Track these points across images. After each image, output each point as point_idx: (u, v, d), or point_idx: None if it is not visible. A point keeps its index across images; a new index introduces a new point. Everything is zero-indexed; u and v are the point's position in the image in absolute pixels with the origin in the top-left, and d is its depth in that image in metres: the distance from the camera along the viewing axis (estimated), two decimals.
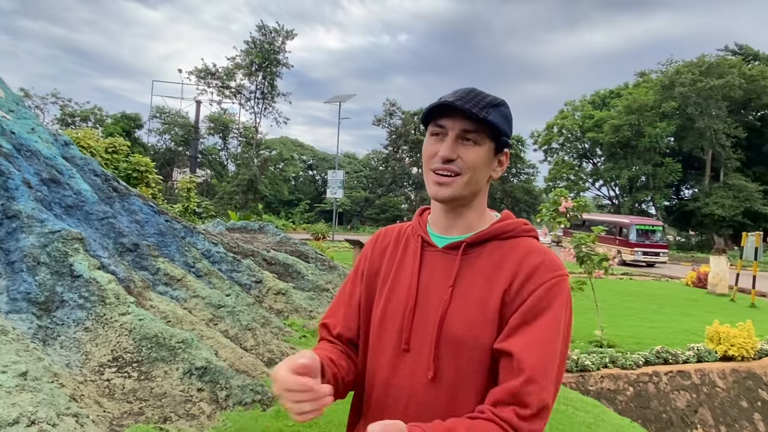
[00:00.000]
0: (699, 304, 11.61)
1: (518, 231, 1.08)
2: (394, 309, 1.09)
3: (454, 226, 1.10)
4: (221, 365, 4.13)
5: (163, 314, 4.71)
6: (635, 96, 36.21)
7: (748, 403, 6.33)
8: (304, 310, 6.77)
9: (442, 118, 1.04)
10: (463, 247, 1.06)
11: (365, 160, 59.10)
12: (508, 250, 1.05)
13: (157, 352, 4.06)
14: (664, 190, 38.08)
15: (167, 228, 6.26)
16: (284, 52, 35.22)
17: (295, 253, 9.24)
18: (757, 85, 33.90)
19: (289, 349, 5.34)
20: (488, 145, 1.05)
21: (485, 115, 1.01)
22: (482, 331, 0.99)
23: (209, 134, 44.22)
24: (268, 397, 4.01)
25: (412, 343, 1.05)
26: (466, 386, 1.00)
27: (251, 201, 35.73)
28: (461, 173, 1.03)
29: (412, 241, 1.15)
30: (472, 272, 1.04)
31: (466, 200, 1.07)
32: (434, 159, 1.05)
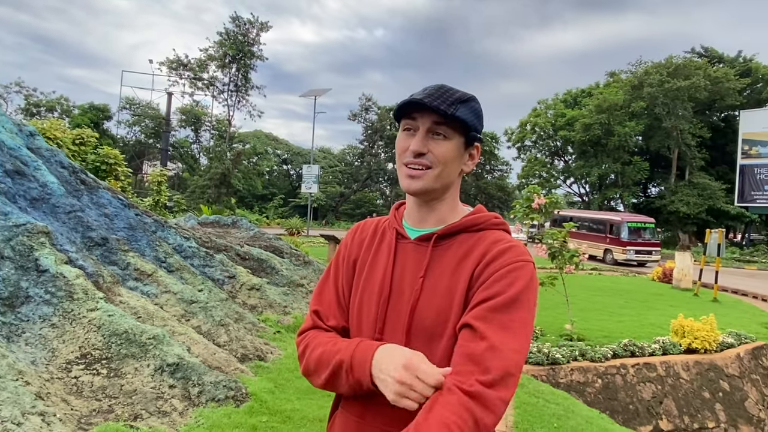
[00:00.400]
0: (664, 299, 11.96)
1: (488, 224, 1.11)
2: (369, 299, 1.12)
3: (427, 219, 1.13)
4: (194, 361, 4.06)
5: (133, 310, 4.61)
6: (605, 95, 36.93)
7: (710, 394, 6.57)
8: (278, 305, 6.72)
9: (413, 113, 1.07)
10: (434, 239, 1.10)
11: (340, 155, 58.85)
12: (477, 241, 1.08)
13: (128, 349, 3.98)
14: (632, 188, 39.02)
15: (137, 222, 6.12)
16: (259, 44, 34.74)
17: (270, 248, 9.15)
18: (721, 87, 34.97)
19: (263, 344, 5.30)
20: (458, 139, 1.08)
21: (453, 111, 1.04)
22: (450, 319, 1.02)
23: (181, 127, 43.32)
24: (242, 393, 3.98)
25: (386, 332, 1.08)
26: None
27: (224, 195, 35.20)
28: (432, 167, 1.06)
29: (387, 233, 1.19)
30: (442, 263, 1.08)
31: (438, 193, 1.10)
32: (406, 153, 1.08)
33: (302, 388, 4.35)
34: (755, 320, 9.70)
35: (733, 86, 35.43)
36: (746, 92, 38.09)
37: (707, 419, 6.38)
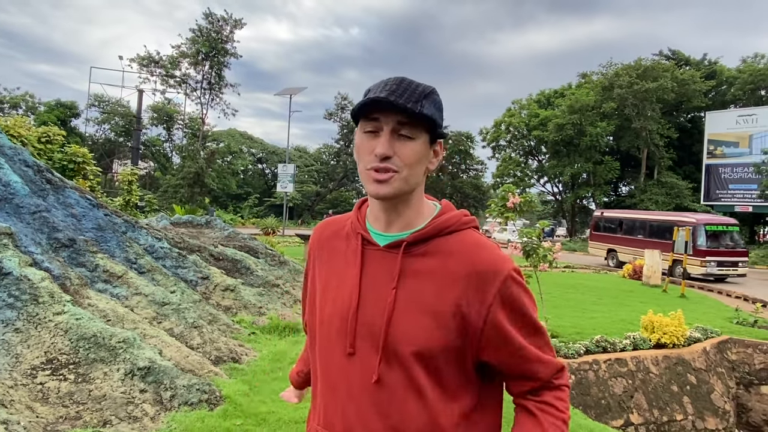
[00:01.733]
0: (634, 295, 12.25)
1: (459, 225, 1.06)
2: (338, 310, 1.06)
3: (394, 223, 1.06)
4: (166, 365, 3.98)
5: (102, 313, 4.49)
6: (578, 96, 37.63)
7: (678, 387, 6.75)
8: (253, 306, 6.63)
9: (375, 111, 0.99)
10: (404, 246, 1.03)
11: (316, 154, 58.53)
12: (453, 248, 1.03)
13: (96, 353, 3.87)
14: (603, 187, 39.86)
15: (107, 222, 5.96)
16: (232, 41, 34.28)
17: (244, 248, 9.03)
18: (687, 88, 36.01)
19: (238, 346, 5.22)
20: (423, 137, 1.01)
21: (420, 108, 0.97)
22: (430, 336, 0.98)
23: (152, 125, 42.47)
24: (216, 397, 3.91)
25: (357, 346, 1.02)
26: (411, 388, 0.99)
27: (197, 195, 34.64)
28: (399, 171, 0.99)
29: (352, 238, 1.11)
30: (417, 273, 1.01)
31: (405, 195, 1.03)
32: (370, 157, 1.00)
33: (278, 390, 4.30)
34: (720, 315, 10.01)
35: (699, 88, 36.52)
36: (711, 94, 39.30)
37: (675, 412, 6.55)
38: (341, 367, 1.04)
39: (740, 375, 7.79)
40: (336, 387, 1.04)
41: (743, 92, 37.92)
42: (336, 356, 1.05)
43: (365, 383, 1.00)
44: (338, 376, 1.04)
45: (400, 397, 0.99)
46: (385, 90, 0.98)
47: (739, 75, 38.30)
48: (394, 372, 0.99)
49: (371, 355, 1.00)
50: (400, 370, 0.99)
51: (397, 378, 0.99)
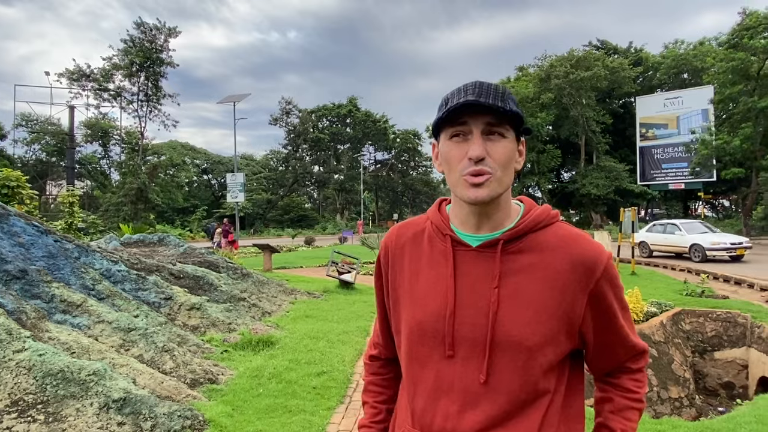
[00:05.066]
0: None
1: (549, 219, 1.07)
2: (431, 313, 1.04)
3: (485, 224, 1.05)
4: (142, 394, 3.79)
5: (65, 345, 4.23)
6: (517, 89, 38.84)
7: None
8: (222, 323, 6.44)
9: (463, 116, 0.99)
10: (501, 245, 1.03)
11: (263, 160, 57.54)
12: (548, 242, 1.04)
13: (65, 389, 3.64)
14: (547, 175, 41.37)
15: (58, 249, 5.62)
16: (168, 50, 33.12)
17: (204, 263, 8.76)
18: (618, 76, 37.94)
19: (212, 366, 5.05)
20: (512, 135, 1.01)
21: (509, 106, 0.98)
22: (541, 332, 0.98)
23: (87, 142, 40.46)
24: (199, 422, 3.76)
25: (457, 348, 1.01)
26: (522, 385, 0.99)
27: (142, 211, 33.32)
28: (493, 172, 0.98)
29: (437, 240, 1.09)
30: (516, 271, 1.02)
31: (499, 197, 1.02)
32: (463, 162, 0.99)
33: (261, 408, 4.20)
34: (670, 288, 10.59)
35: (628, 75, 38.55)
36: (639, 80, 41.61)
37: None
38: (439, 370, 1.03)
39: (695, 343, 8.27)
40: (435, 390, 1.03)
41: (668, 76, 40.35)
42: (433, 360, 1.03)
43: (470, 385, 0.99)
44: (436, 379, 1.03)
45: (508, 392, 0.99)
46: (470, 93, 0.98)
47: (663, 60, 40.71)
48: (503, 371, 0.99)
49: (475, 356, 1.00)
50: (508, 369, 0.99)
51: (506, 377, 0.99)
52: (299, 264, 17.14)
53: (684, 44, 41.68)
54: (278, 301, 8.62)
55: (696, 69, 37.48)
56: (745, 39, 25.43)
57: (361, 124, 53.26)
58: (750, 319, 8.11)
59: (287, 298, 9.10)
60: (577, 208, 44.56)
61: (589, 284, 1.01)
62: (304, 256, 20.71)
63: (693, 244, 16.62)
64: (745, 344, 8.05)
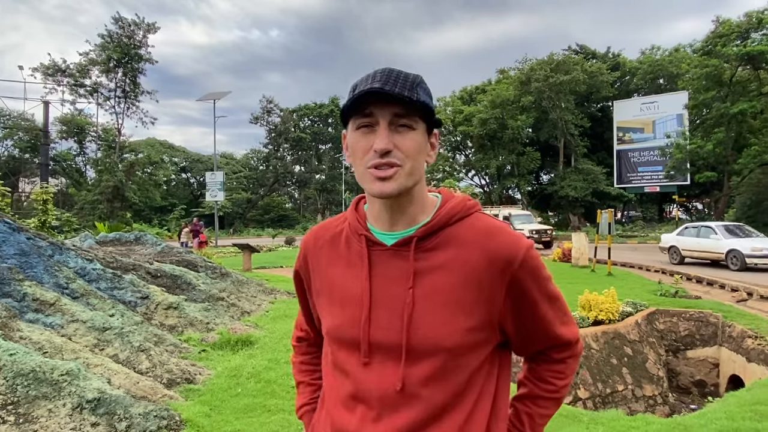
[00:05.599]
0: (566, 276, 12.94)
1: (465, 211, 1.02)
2: (348, 318, 1.00)
3: (399, 221, 1.00)
4: (117, 394, 3.72)
5: (37, 345, 4.13)
6: (498, 92, 39.23)
7: (617, 360, 7.21)
8: (200, 322, 6.35)
9: (368, 106, 0.93)
10: (415, 242, 0.98)
11: (244, 159, 56.99)
12: (464, 236, 0.98)
13: (37, 389, 3.55)
14: (526, 177, 41.83)
15: (30, 247, 5.48)
16: (146, 46, 32.59)
17: (182, 262, 8.63)
18: (596, 80, 38.56)
19: (190, 366, 4.98)
20: (421, 127, 0.96)
21: (417, 96, 0.92)
22: (459, 332, 0.94)
23: (62, 138, 39.47)
24: (176, 422, 3.71)
25: (373, 354, 0.97)
26: (442, 390, 0.94)
27: (118, 210, 32.73)
28: (402, 164, 0.93)
29: (354, 241, 1.04)
30: (432, 268, 0.96)
31: (409, 191, 0.97)
32: (368, 155, 0.94)
33: (240, 407, 4.16)
34: (645, 289, 10.80)
35: (606, 79, 39.22)
36: (617, 84, 42.36)
37: (617, 383, 7.00)
38: (356, 377, 0.98)
39: (668, 342, 8.46)
40: (352, 397, 0.99)
41: (645, 81, 41.15)
42: (351, 366, 0.99)
43: (387, 392, 0.94)
44: (354, 386, 0.98)
45: (428, 400, 0.93)
46: (377, 81, 0.92)
47: (640, 66, 41.52)
48: (420, 376, 0.94)
49: (391, 363, 0.95)
50: (427, 373, 0.94)
51: (424, 382, 0.94)
52: (279, 264, 17.02)
53: (660, 50, 42.61)
54: (257, 301, 8.55)
55: (671, 75, 38.32)
56: (718, 46, 26.09)
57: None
58: (721, 318, 8.32)
59: (267, 297, 9.02)
60: (556, 210, 45.13)
61: (507, 277, 0.96)
62: (285, 256, 20.57)
63: (730, 249, 14.47)
64: (716, 343, 8.26)
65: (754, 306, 9.33)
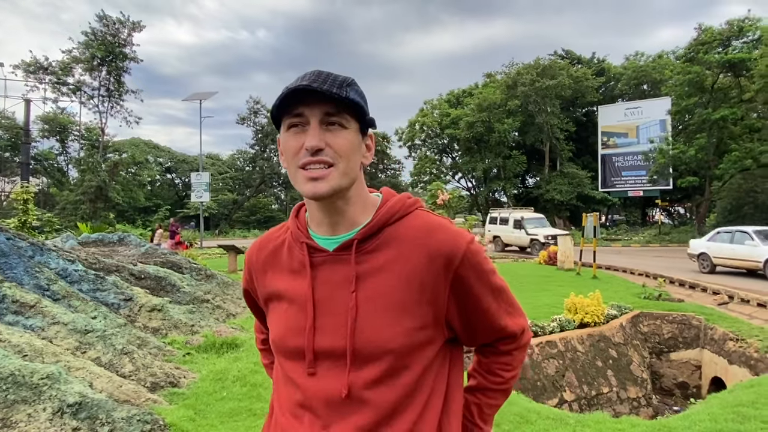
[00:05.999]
0: (552, 280, 13.05)
1: (405, 209, 1.01)
2: (292, 328, 0.98)
3: (339, 224, 0.99)
4: (99, 398, 3.64)
5: (16, 348, 4.03)
6: (485, 95, 39.44)
7: (602, 362, 7.27)
8: (184, 325, 6.27)
9: (298, 106, 0.93)
10: (356, 245, 0.96)
11: (230, 160, 56.55)
12: (405, 235, 0.97)
13: (16, 393, 3.46)
14: (512, 180, 42.12)
15: (10, 247, 5.36)
16: (131, 45, 32.18)
17: (167, 264, 8.52)
18: (581, 85, 39.00)
19: (174, 369, 4.90)
20: (354, 126, 0.95)
21: (346, 94, 0.92)
22: (403, 333, 0.93)
23: (43, 137, 38.78)
24: (159, 426, 3.64)
25: (319, 364, 0.95)
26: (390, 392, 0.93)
27: (101, 210, 32.24)
28: (335, 163, 0.92)
29: (296, 249, 1.02)
30: (374, 271, 0.95)
31: (345, 192, 0.95)
32: (300, 154, 0.93)
33: (225, 411, 4.10)
34: (629, 292, 10.93)
35: (592, 84, 39.69)
36: (602, 90, 42.87)
37: (602, 385, 7.06)
38: (302, 386, 0.97)
39: (652, 345, 8.56)
40: (299, 406, 0.98)
41: (629, 87, 41.73)
42: (296, 376, 0.98)
43: (333, 400, 0.93)
44: (300, 395, 0.97)
45: (376, 404, 0.92)
46: (305, 80, 0.91)
47: (624, 71, 42.09)
48: (367, 381, 0.92)
49: (336, 370, 0.94)
50: (374, 378, 0.92)
51: (371, 386, 0.92)
52: None
53: (644, 56, 43.22)
54: (243, 303, 8.46)
55: (655, 81, 38.90)
56: (700, 53, 26.56)
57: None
58: (703, 321, 8.44)
59: None
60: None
61: (450, 275, 0.95)
62: None
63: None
64: (698, 345, 8.38)
65: (735, 309, 9.48)
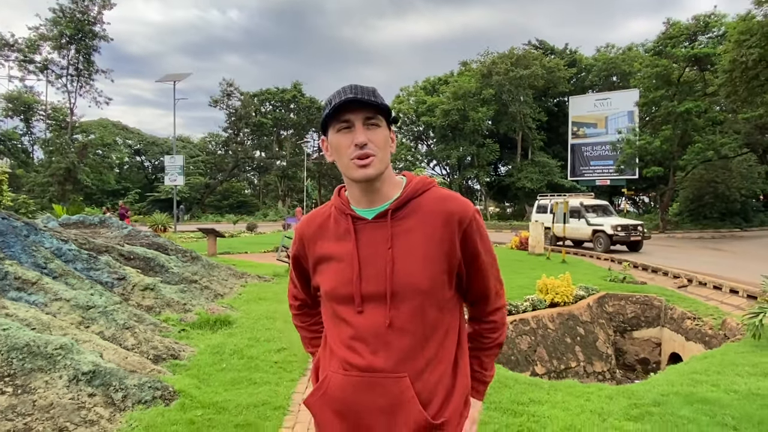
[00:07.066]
0: (524, 264, 13.61)
1: (425, 185, 1.32)
2: (342, 280, 1.26)
3: (375, 200, 1.28)
4: (111, 367, 3.88)
5: (24, 322, 4.20)
6: (460, 83, 39.83)
7: (570, 339, 7.80)
8: (177, 303, 6.47)
9: (345, 114, 1.22)
10: (390, 213, 1.26)
11: (201, 143, 55.65)
12: (428, 205, 1.27)
13: (33, 363, 3.66)
14: (486, 168, 42.82)
15: (6, 227, 5.47)
16: (101, 23, 31.27)
17: (153, 245, 8.65)
18: (554, 75, 39.77)
19: (173, 343, 5.14)
20: (384, 124, 1.25)
21: (380, 101, 1.21)
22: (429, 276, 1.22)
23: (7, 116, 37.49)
24: (169, 392, 3.90)
25: (365, 304, 1.23)
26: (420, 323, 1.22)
27: (70, 192, 31.53)
28: (375, 154, 1.21)
29: (341, 220, 1.31)
30: (405, 232, 1.25)
31: (382, 174, 1.25)
32: (350, 149, 1.22)
33: (227, 380, 4.38)
34: (596, 275, 11.55)
35: (563, 75, 40.49)
36: (573, 80, 43.78)
37: (570, 360, 7.58)
38: (353, 324, 1.25)
39: (617, 324, 9.16)
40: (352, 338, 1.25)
41: (599, 78, 42.73)
42: (348, 316, 1.27)
43: (378, 330, 1.22)
44: (352, 330, 1.25)
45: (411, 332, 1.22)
46: (350, 93, 1.21)
47: (595, 63, 43.05)
48: (403, 314, 1.21)
49: (380, 307, 1.22)
50: (408, 312, 1.21)
51: (406, 318, 1.21)
52: (244, 250, 17.00)
53: (615, 48, 44.28)
54: (229, 284, 8.67)
55: (624, 73, 39.94)
56: (668, 47, 27.45)
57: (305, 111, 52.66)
58: (664, 302, 9.07)
59: (238, 281, 9.15)
60: (513, 201, 46.48)
61: (460, 232, 1.26)
62: (248, 242, 20.50)
63: None
64: (659, 324, 9.01)
65: (694, 291, 10.17)
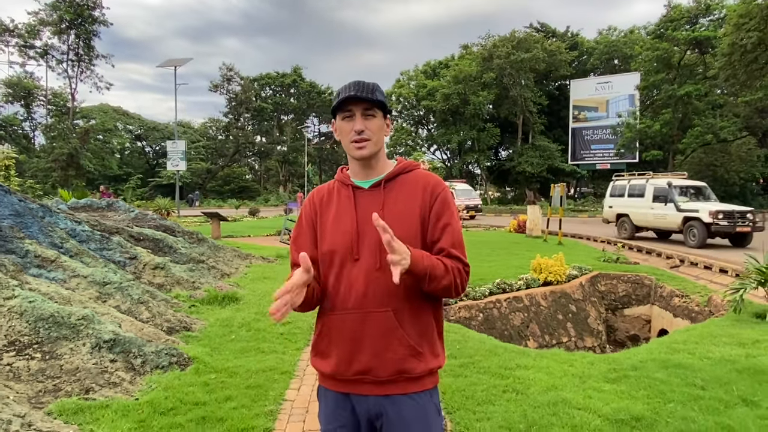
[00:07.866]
0: (521, 246, 13.91)
1: (411, 166, 1.65)
2: (344, 235, 1.55)
3: (371, 173, 1.60)
4: (130, 336, 4.19)
5: (47, 296, 4.51)
6: (461, 67, 39.75)
7: (562, 316, 8.12)
8: (186, 281, 6.78)
9: (349, 105, 1.52)
10: (383, 184, 1.58)
11: (202, 128, 55.70)
12: (412, 179, 1.59)
13: (58, 331, 3.98)
14: (486, 152, 42.95)
15: (24, 208, 5.76)
16: (101, 7, 31.21)
17: (161, 228, 8.95)
18: (555, 59, 39.67)
19: (185, 317, 5.46)
20: (380, 114, 1.55)
21: (377, 97, 1.51)
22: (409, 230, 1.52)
23: (7, 102, 37.59)
24: (184, 359, 4.22)
25: (361, 253, 1.52)
26: None
27: (73, 178, 31.79)
28: (370, 138, 1.52)
29: (343, 189, 1.63)
30: (394, 198, 1.56)
31: (376, 154, 1.57)
32: (351, 134, 1.53)
33: (237, 349, 4.70)
34: (591, 256, 11.84)
35: (565, 58, 40.35)
36: (575, 64, 43.63)
37: (562, 336, 7.91)
38: (350, 269, 1.53)
39: (608, 302, 9.48)
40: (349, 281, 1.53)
41: (600, 61, 42.59)
42: (346, 264, 1.58)
43: (370, 271, 1.51)
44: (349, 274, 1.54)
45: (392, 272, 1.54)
46: (352, 90, 1.50)
47: (597, 46, 42.87)
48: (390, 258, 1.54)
49: (373, 254, 1.51)
50: None
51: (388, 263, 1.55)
52: (247, 233, 17.31)
53: (616, 31, 44.08)
54: (235, 265, 8.99)
55: (625, 56, 39.83)
56: (669, 30, 27.44)
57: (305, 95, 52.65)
58: (654, 281, 9.38)
59: (243, 262, 9.47)
60: (513, 185, 46.67)
61: (432, 200, 1.58)
62: (251, 226, 20.81)
63: None
64: (649, 302, 9.33)
65: (685, 271, 10.48)
